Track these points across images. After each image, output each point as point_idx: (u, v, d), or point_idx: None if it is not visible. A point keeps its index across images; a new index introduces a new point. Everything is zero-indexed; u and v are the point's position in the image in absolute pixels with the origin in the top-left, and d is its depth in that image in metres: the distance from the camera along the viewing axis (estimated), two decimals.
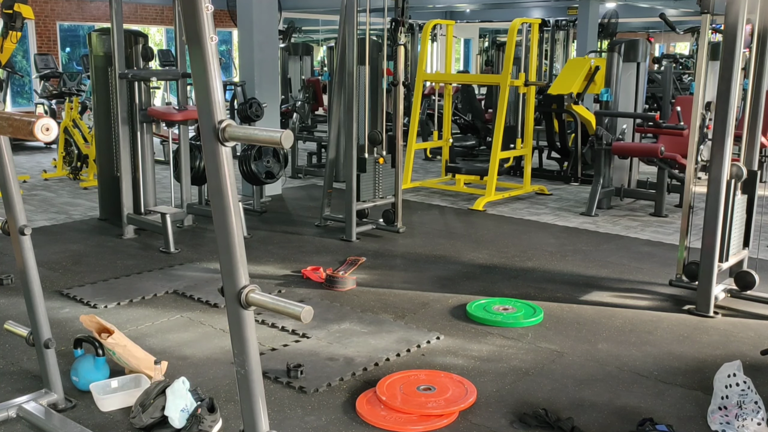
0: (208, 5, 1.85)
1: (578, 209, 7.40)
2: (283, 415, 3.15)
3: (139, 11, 16.41)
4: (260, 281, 4.89)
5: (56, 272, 5.11)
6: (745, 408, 3.00)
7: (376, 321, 4.25)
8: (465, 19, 21.72)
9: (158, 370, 3.38)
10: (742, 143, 4.62)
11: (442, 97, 9.04)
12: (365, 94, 6.59)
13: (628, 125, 7.63)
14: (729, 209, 4.50)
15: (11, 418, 3.02)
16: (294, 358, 3.61)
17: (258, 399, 2.07)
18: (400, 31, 6.32)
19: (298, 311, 1.87)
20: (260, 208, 6.99)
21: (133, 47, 6.28)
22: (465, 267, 5.37)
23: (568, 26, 16.21)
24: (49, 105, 11.57)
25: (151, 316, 4.30)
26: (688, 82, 14.67)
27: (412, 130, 8.73)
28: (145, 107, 6.21)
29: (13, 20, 7.47)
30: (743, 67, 4.38)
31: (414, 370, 3.55)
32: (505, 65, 7.89)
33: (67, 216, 6.90)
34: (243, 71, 7.77)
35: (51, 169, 9.35)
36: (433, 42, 14.39)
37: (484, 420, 3.12)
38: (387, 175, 6.38)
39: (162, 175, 8.29)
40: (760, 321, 4.33)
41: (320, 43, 20.09)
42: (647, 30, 25.81)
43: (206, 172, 1.97)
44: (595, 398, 3.32)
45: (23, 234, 2.85)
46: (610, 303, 4.63)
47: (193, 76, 1.91)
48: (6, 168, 2.75)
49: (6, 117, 2.08)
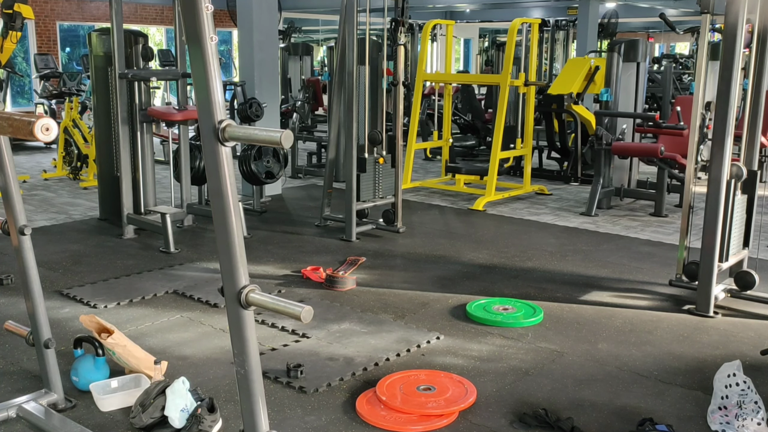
0: (208, 5, 1.85)
1: (578, 209, 7.40)
2: (283, 415, 3.15)
3: (139, 11, 16.41)
4: (260, 281, 4.89)
5: (56, 272, 5.11)
6: (745, 408, 3.00)
7: (376, 321, 4.25)
8: (465, 19, 21.72)
9: (158, 370, 3.38)
10: (742, 143, 4.62)
11: (442, 97, 9.04)
12: (365, 94, 6.59)
13: (628, 125, 7.63)
14: (729, 209, 4.50)
15: (11, 418, 3.01)
16: (294, 358, 3.61)
17: (258, 399, 2.07)
18: (400, 31, 6.31)
19: (298, 311, 1.87)
20: (260, 208, 6.99)
21: (133, 47, 6.27)
22: (465, 267, 5.37)
23: (568, 26, 16.21)
24: (49, 105, 11.57)
25: (151, 316, 4.30)
26: (688, 82, 14.67)
27: (412, 130, 8.73)
28: (145, 107, 6.21)
29: (13, 20, 7.47)
30: (743, 67, 4.39)
31: (414, 370, 3.55)
32: (505, 65, 7.90)
33: (67, 216, 6.90)
34: (243, 71, 7.78)
35: (51, 169, 9.35)
36: (433, 42, 14.39)
37: (484, 420, 3.12)
38: (387, 175, 6.38)
39: (162, 175, 8.29)
40: (760, 321, 4.33)
41: (320, 43, 20.10)
42: (647, 30, 25.82)
43: (206, 172, 1.97)
44: (595, 398, 3.32)
45: (23, 234, 2.85)
46: (610, 303, 4.63)
47: (193, 76, 1.91)
48: (6, 168, 2.75)
49: (6, 117, 2.08)
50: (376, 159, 6.26)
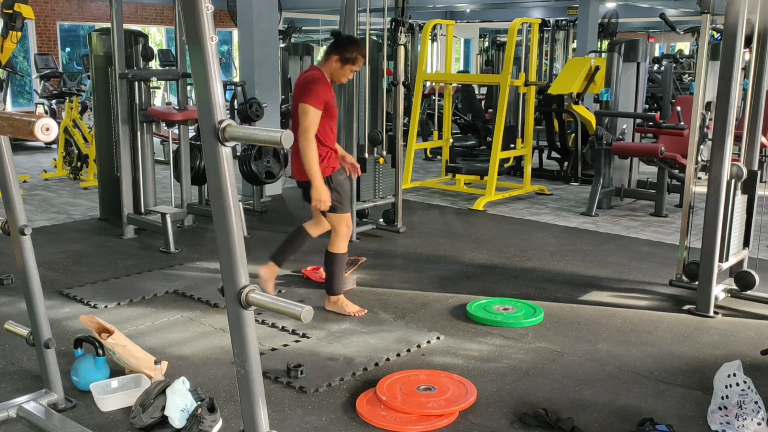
0: (208, 5, 1.85)
1: (578, 209, 7.40)
2: (283, 415, 3.15)
3: (139, 11, 16.41)
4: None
5: (56, 272, 5.11)
6: (745, 408, 3.00)
7: (376, 321, 4.25)
8: (465, 19, 21.71)
9: (158, 370, 3.38)
10: (742, 143, 4.61)
11: (442, 97, 9.04)
12: (365, 94, 6.59)
13: (628, 125, 7.63)
14: (729, 209, 4.50)
15: (11, 418, 3.02)
16: (294, 358, 3.61)
17: (258, 399, 2.07)
18: (400, 31, 6.31)
19: (298, 311, 1.87)
20: (260, 208, 6.99)
21: (133, 47, 6.27)
22: (465, 267, 5.37)
23: (568, 26, 16.20)
24: (50, 105, 11.57)
25: (151, 316, 4.30)
26: (688, 82, 14.67)
27: (412, 130, 8.73)
28: (145, 107, 6.21)
29: (14, 20, 7.46)
30: (743, 67, 4.38)
31: (414, 370, 3.55)
32: (505, 65, 7.90)
33: (67, 216, 6.90)
34: (243, 71, 7.77)
35: (51, 169, 9.35)
36: (433, 42, 14.38)
37: (484, 420, 3.12)
38: (387, 175, 6.38)
39: (162, 175, 8.29)
40: (760, 321, 4.33)
41: (320, 43, 20.08)
42: (647, 30, 25.81)
43: (206, 172, 1.97)
44: (595, 398, 3.32)
45: (23, 234, 2.85)
46: (610, 303, 4.63)
47: (193, 76, 1.91)
48: (6, 168, 2.75)
49: (6, 117, 2.08)
50: (377, 159, 6.26)
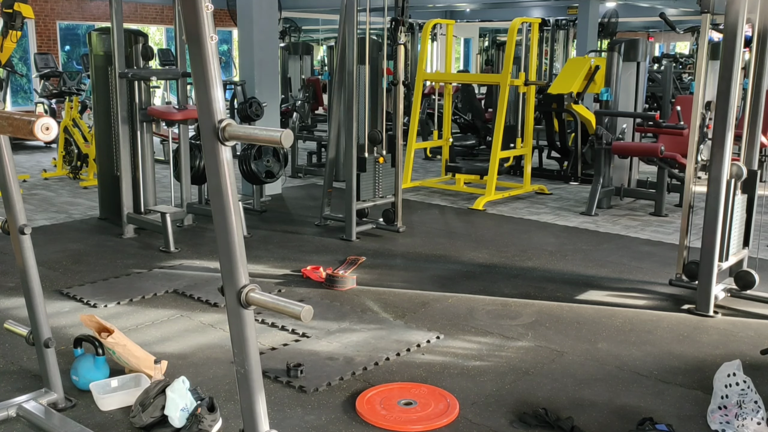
0: (208, 4, 1.85)
1: (578, 209, 7.40)
2: (283, 414, 3.15)
3: (139, 10, 16.40)
4: (260, 281, 4.89)
5: (56, 272, 5.11)
6: (744, 407, 3.00)
7: (376, 320, 4.25)
8: (465, 19, 21.70)
9: (158, 369, 3.38)
10: (742, 143, 4.62)
11: (442, 96, 9.04)
12: (365, 93, 6.59)
13: (628, 125, 7.63)
14: (729, 209, 4.50)
15: (11, 417, 3.02)
16: (294, 358, 3.61)
17: (258, 398, 2.07)
18: (400, 30, 6.31)
19: (298, 311, 1.87)
20: (260, 207, 6.99)
21: (133, 46, 6.27)
22: (465, 266, 5.37)
23: (568, 26, 16.21)
24: (49, 104, 11.56)
25: (151, 316, 4.30)
26: (688, 81, 14.67)
27: (412, 130, 8.73)
28: (145, 106, 6.21)
29: (13, 19, 7.47)
30: (743, 66, 4.38)
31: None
32: (505, 65, 7.89)
33: (67, 215, 6.90)
34: (243, 71, 7.77)
35: (51, 168, 9.35)
36: (433, 41, 14.40)
37: (484, 419, 3.12)
38: (387, 175, 6.38)
39: (162, 175, 8.29)
40: (760, 320, 4.33)
41: (320, 42, 20.08)
42: (647, 29, 25.81)
43: (206, 172, 1.97)
44: (595, 398, 3.32)
45: (23, 233, 2.85)
46: (610, 302, 4.63)
47: (193, 76, 1.91)
48: (6, 167, 2.75)
49: (6, 116, 2.08)
50: (376, 158, 6.26)
